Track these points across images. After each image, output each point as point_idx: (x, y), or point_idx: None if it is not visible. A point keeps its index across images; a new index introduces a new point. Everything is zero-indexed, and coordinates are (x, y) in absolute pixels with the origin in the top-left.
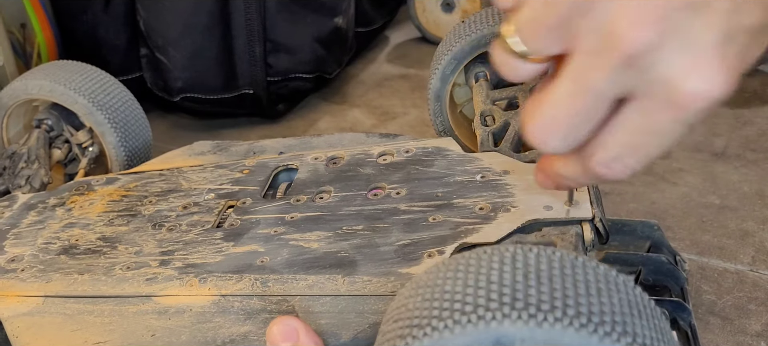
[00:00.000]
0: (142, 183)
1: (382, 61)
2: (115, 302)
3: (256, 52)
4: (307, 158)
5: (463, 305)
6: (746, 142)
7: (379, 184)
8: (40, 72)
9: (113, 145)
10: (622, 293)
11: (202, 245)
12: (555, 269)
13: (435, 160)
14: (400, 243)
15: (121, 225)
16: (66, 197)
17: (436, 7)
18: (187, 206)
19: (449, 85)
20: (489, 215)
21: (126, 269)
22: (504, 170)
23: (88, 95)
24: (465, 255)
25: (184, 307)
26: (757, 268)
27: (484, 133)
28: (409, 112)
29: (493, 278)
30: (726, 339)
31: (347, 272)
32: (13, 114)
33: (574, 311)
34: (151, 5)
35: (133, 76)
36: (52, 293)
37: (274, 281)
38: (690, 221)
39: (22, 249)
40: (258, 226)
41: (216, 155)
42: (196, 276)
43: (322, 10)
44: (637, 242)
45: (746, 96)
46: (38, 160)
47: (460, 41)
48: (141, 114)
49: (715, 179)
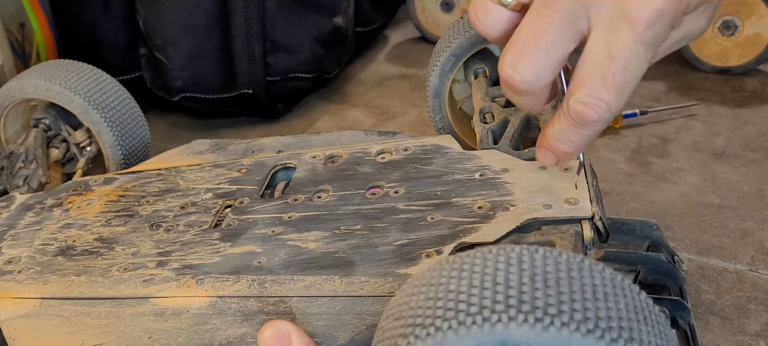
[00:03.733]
0: (139, 183)
1: (381, 61)
2: (112, 303)
3: (256, 51)
4: (306, 157)
5: (468, 305)
6: (746, 142)
7: (377, 183)
8: (36, 71)
9: (110, 144)
10: (628, 298)
11: (199, 245)
12: (562, 271)
13: (434, 159)
14: (398, 243)
15: (119, 226)
16: (63, 197)
17: (435, 7)
18: (184, 206)
19: (448, 82)
20: (488, 213)
21: (123, 270)
22: (503, 168)
23: (84, 94)
24: (470, 254)
25: (181, 309)
26: (756, 268)
27: (484, 131)
28: (409, 111)
29: (499, 279)
30: (725, 339)
31: (345, 272)
32: (10, 114)
33: (581, 315)
34: (151, 5)
35: (132, 75)
36: (49, 294)
37: (271, 283)
38: (689, 220)
39: (20, 250)
40: (255, 226)
41: (214, 154)
42: (194, 277)
43: (322, 10)
44: (635, 241)
45: (746, 96)
46: (36, 161)
47: (458, 37)
48: (138, 113)
49: (715, 179)
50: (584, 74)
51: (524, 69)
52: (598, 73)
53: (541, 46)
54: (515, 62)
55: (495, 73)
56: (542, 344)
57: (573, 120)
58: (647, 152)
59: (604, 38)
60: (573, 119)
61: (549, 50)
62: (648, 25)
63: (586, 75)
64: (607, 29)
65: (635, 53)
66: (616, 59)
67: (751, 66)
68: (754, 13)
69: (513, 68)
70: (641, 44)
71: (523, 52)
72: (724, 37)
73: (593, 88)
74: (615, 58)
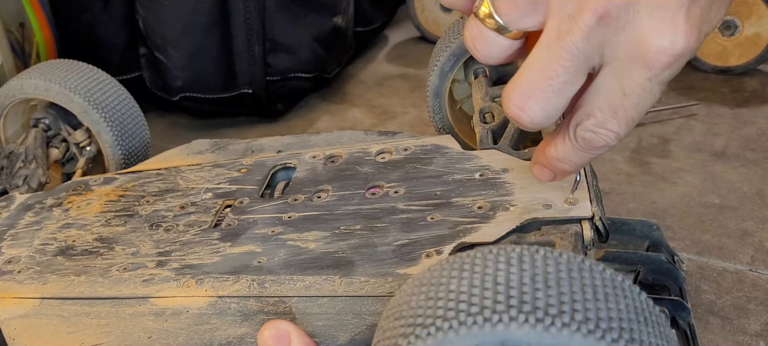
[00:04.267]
0: (139, 183)
1: (381, 61)
2: (111, 303)
3: (256, 51)
4: (305, 157)
5: (469, 305)
6: (746, 142)
7: (377, 183)
8: (36, 71)
9: (109, 144)
10: (628, 299)
11: (199, 245)
12: (562, 272)
13: (434, 158)
14: (398, 243)
15: (118, 226)
16: (63, 197)
17: (435, 7)
18: (184, 206)
19: (448, 82)
20: (488, 213)
21: (123, 270)
22: (503, 168)
23: (83, 94)
24: (470, 254)
25: (180, 309)
26: (756, 268)
27: (483, 131)
28: (409, 111)
29: (500, 280)
30: (725, 339)
31: (344, 272)
32: (10, 113)
33: (582, 316)
34: (151, 5)
35: (132, 75)
36: (48, 294)
37: (270, 283)
38: (689, 220)
39: (19, 250)
40: (255, 226)
41: (214, 154)
42: (193, 277)
43: (322, 10)
44: (635, 241)
45: (746, 96)
46: (36, 160)
47: (458, 37)
48: (138, 113)
49: (715, 179)
50: (594, 106)
51: (534, 111)
52: (610, 108)
53: (552, 88)
54: (523, 103)
55: (495, 73)
56: (543, 344)
57: (579, 145)
58: (647, 152)
59: (618, 75)
60: (579, 145)
61: (561, 91)
62: (665, 69)
63: (597, 107)
64: (622, 67)
65: (650, 91)
66: (629, 97)
67: (751, 66)
68: (754, 13)
69: (521, 109)
70: (656, 83)
71: (532, 93)
72: (724, 37)
73: (604, 121)
74: (629, 95)
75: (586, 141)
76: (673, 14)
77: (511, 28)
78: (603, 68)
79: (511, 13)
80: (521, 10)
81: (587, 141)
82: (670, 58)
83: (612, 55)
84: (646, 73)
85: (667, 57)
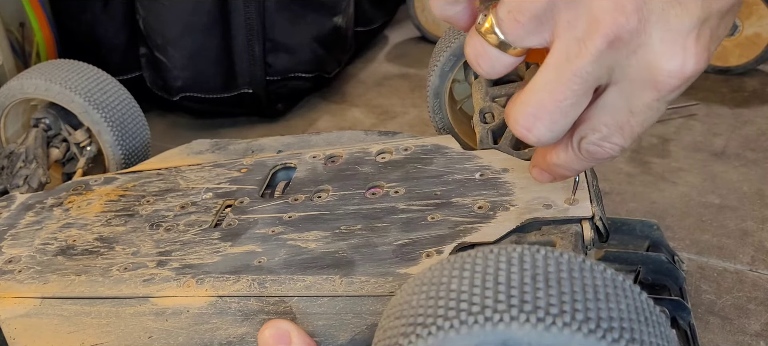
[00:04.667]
0: (139, 183)
1: (381, 61)
2: (112, 303)
3: (256, 51)
4: (306, 157)
5: (470, 305)
6: (746, 142)
7: (377, 182)
8: (36, 71)
9: (110, 144)
10: (629, 299)
11: (199, 245)
12: (563, 271)
13: (434, 159)
14: (399, 243)
15: (119, 225)
16: (64, 196)
17: None
18: (184, 206)
19: (448, 82)
20: (488, 213)
21: (123, 269)
22: (503, 168)
23: (84, 94)
24: (471, 254)
25: (181, 308)
26: (756, 268)
27: (484, 131)
28: (409, 111)
29: (501, 279)
30: (725, 339)
31: (345, 272)
32: (10, 113)
33: (582, 316)
34: (151, 4)
35: (132, 75)
36: (49, 294)
37: (271, 282)
38: (689, 220)
39: (20, 250)
40: (256, 226)
41: (214, 154)
42: (194, 277)
43: (322, 10)
44: (635, 241)
45: (746, 96)
46: (36, 160)
47: (458, 37)
48: (138, 113)
49: (715, 179)
50: (600, 122)
51: (541, 131)
52: (617, 124)
53: (559, 110)
54: (530, 124)
55: None
56: (544, 344)
57: (582, 156)
58: (647, 152)
59: (626, 95)
60: (582, 156)
61: (567, 112)
62: (673, 91)
63: (603, 123)
64: (631, 88)
65: (656, 109)
66: (636, 115)
67: (751, 66)
68: (754, 13)
69: (528, 130)
70: (663, 103)
71: (540, 114)
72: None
73: (609, 135)
74: (635, 114)
75: (590, 153)
76: (684, 38)
77: (515, 46)
78: (610, 86)
79: (516, 31)
80: (527, 28)
81: (591, 153)
82: (679, 81)
83: (621, 76)
84: (654, 94)
85: (677, 80)
